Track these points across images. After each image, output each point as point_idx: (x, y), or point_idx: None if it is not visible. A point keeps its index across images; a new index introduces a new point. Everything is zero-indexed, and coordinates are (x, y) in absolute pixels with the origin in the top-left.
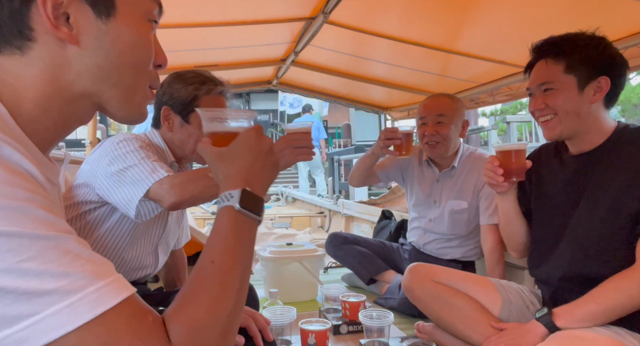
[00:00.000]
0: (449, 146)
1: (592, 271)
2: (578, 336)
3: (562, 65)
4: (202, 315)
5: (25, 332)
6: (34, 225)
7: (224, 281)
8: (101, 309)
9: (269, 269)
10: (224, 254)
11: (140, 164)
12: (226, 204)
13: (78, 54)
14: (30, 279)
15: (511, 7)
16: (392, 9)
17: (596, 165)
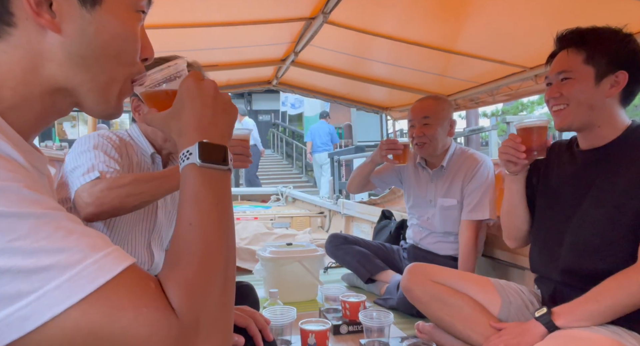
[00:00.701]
0: (437, 145)
1: (592, 267)
2: (577, 335)
3: (582, 55)
4: (194, 278)
5: (28, 309)
6: (21, 204)
7: (207, 240)
8: (102, 280)
9: (269, 270)
10: (200, 214)
11: (81, 165)
12: (187, 163)
13: (60, 42)
14: (25, 257)
15: (511, 7)
16: (392, 9)
17: (605, 161)
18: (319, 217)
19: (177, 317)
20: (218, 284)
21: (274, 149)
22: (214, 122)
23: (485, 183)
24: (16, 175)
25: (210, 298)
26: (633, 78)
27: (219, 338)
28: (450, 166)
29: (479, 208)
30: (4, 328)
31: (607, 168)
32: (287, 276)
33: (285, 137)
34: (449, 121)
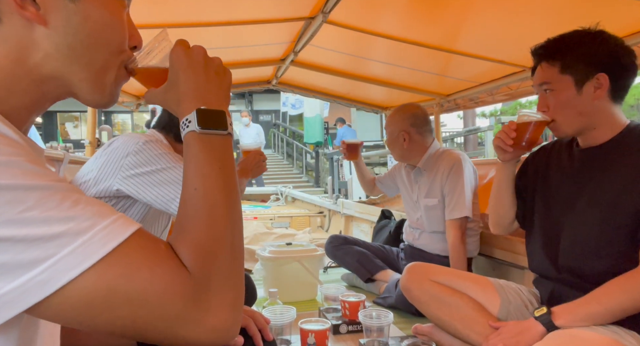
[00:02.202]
0: (395, 153)
1: (591, 267)
2: (576, 335)
3: (557, 66)
4: (202, 238)
5: (45, 274)
6: (25, 177)
7: (212, 203)
8: (113, 244)
9: (269, 269)
10: (203, 178)
11: (173, 167)
12: (187, 131)
13: (46, 34)
14: (37, 226)
15: (511, 7)
16: (391, 9)
17: (601, 160)
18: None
19: (190, 275)
20: (226, 244)
21: (274, 149)
22: (208, 88)
23: (461, 181)
24: (17, 150)
25: (220, 256)
26: (614, 77)
27: (231, 294)
28: (429, 167)
29: (457, 207)
30: (23, 293)
31: (603, 167)
32: (287, 275)
33: (286, 138)
34: (400, 132)
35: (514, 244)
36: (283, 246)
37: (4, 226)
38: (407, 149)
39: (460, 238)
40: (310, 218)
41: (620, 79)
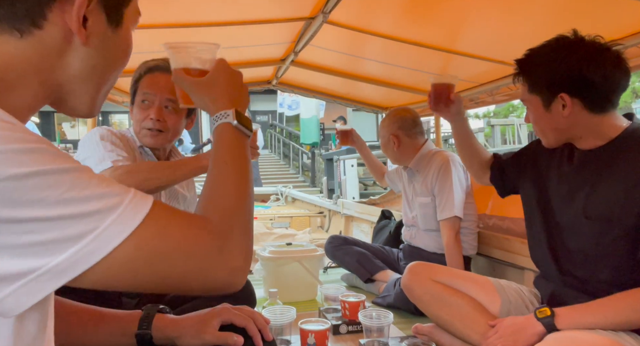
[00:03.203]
0: (389, 156)
1: (591, 274)
2: (577, 337)
3: (526, 85)
4: (231, 200)
5: (93, 245)
6: (56, 160)
7: (239, 174)
8: (143, 212)
9: (269, 269)
10: (233, 157)
11: (92, 156)
12: (223, 121)
13: (81, 51)
14: (78, 205)
15: (511, 7)
16: (391, 9)
17: (599, 164)
18: (318, 217)
19: (212, 228)
20: (246, 204)
21: (271, 150)
22: (239, 100)
23: (449, 182)
24: (39, 137)
25: (240, 214)
26: (580, 94)
27: (246, 242)
28: (421, 168)
29: (447, 207)
30: (74, 263)
31: (599, 172)
32: (287, 276)
33: (283, 138)
34: (389, 136)
35: (514, 244)
36: (283, 246)
37: (52, 207)
38: (398, 152)
39: (454, 238)
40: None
41: (590, 94)
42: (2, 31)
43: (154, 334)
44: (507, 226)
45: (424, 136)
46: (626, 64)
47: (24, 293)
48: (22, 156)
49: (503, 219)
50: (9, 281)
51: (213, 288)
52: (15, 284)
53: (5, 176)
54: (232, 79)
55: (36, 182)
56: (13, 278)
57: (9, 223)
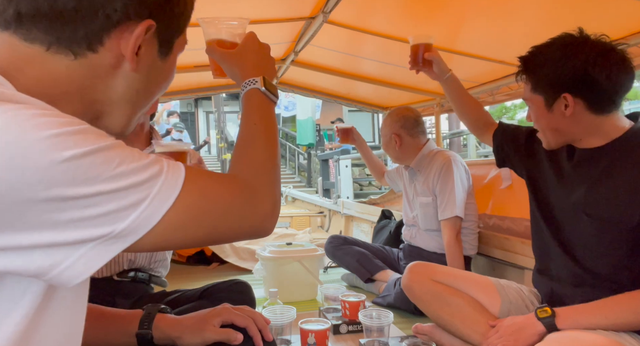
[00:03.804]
0: (390, 155)
1: (589, 272)
2: (577, 337)
3: (530, 84)
4: (260, 157)
5: (148, 210)
6: (100, 139)
7: (267, 135)
8: (181, 177)
9: (269, 269)
10: (262, 118)
11: None
12: (252, 87)
13: (129, 76)
14: (130, 177)
15: (511, 6)
16: (391, 9)
17: (598, 164)
18: (318, 217)
19: (244, 182)
20: (274, 160)
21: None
22: (267, 70)
23: (450, 182)
24: (78, 119)
25: (269, 169)
26: (583, 94)
27: (275, 192)
28: (422, 167)
29: (448, 207)
30: (136, 228)
31: (596, 173)
32: (287, 275)
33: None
34: (391, 135)
35: (514, 244)
36: (283, 246)
37: (108, 181)
38: (399, 151)
39: (455, 238)
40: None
41: (593, 95)
42: (58, 51)
43: (155, 334)
44: (508, 225)
45: (425, 136)
46: (631, 65)
47: (93, 257)
48: (75, 136)
49: (503, 219)
50: (77, 246)
51: (248, 233)
52: (84, 248)
53: (66, 157)
54: (260, 50)
55: (91, 160)
56: (82, 243)
57: (73, 200)
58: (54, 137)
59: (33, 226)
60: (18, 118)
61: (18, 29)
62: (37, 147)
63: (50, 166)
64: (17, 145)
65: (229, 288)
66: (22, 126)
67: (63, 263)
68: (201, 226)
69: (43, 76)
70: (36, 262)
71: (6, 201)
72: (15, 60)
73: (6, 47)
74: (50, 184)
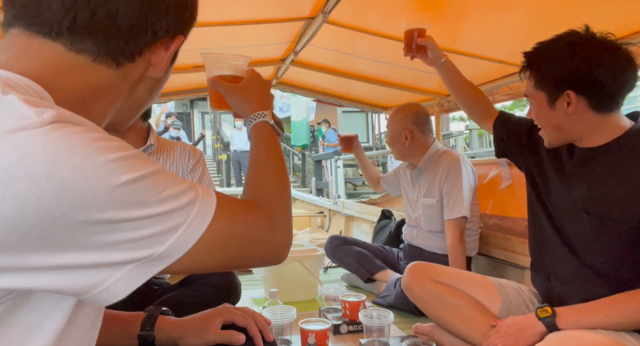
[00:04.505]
0: (396, 152)
1: (589, 269)
2: (578, 336)
3: (533, 80)
4: (275, 187)
5: (185, 234)
6: (148, 164)
7: (279, 165)
8: (214, 203)
9: (269, 269)
10: (273, 150)
11: None
12: (262, 119)
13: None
14: (173, 201)
15: (511, 6)
16: (391, 9)
17: (598, 163)
18: (318, 217)
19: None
20: (287, 189)
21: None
22: (270, 103)
23: (459, 182)
24: (126, 143)
25: (284, 197)
26: (586, 92)
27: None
28: (429, 167)
29: (455, 207)
30: (172, 251)
31: (597, 172)
32: (287, 276)
33: None
34: (402, 131)
35: (514, 243)
36: None
37: (155, 205)
38: (408, 147)
39: (459, 238)
40: (311, 218)
41: (596, 93)
42: (103, 61)
43: (157, 335)
44: (508, 225)
45: (433, 135)
46: (636, 64)
47: (132, 278)
48: (129, 162)
49: (503, 219)
50: (118, 267)
51: (267, 259)
52: (124, 269)
53: (123, 182)
54: (264, 86)
55: (142, 185)
56: (123, 264)
57: (122, 223)
58: (113, 163)
59: (81, 247)
60: (82, 142)
61: (69, 39)
62: (98, 172)
63: (107, 190)
64: (81, 169)
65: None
66: (86, 150)
67: (104, 283)
68: (228, 250)
69: (84, 84)
70: (79, 282)
71: (62, 221)
72: (59, 69)
73: (52, 55)
74: (105, 207)
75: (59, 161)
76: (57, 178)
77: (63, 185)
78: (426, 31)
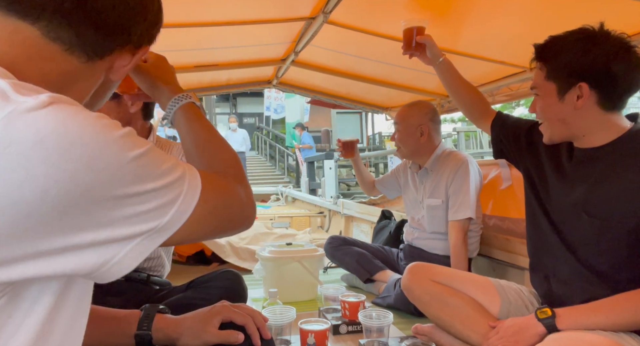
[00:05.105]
0: (407, 149)
1: (589, 270)
2: (578, 337)
3: (544, 71)
4: (227, 155)
5: (183, 205)
6: (143, 141)
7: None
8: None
9: (269, 269)
10: (212, 129)
11: None
12: (188, 100)
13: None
14: (169, 175)
15: (511, 7)
16: (392, 9)
17: (598, 163)
18: (318, 217)
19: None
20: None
21: (258, 151)
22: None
23: (466, 183)
24: None
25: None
26: (599, 87)
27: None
28: (436, 168)
29: (462, 208)
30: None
31: (599, 171)
32: (287, 276)
33: (269, 140)
34: (419, 127)
35: (514, 244)
36: (283, 246)
37: (156, 179)
38: (422, 144)
39: (463, 239)
40: (311, 218)
41: (608, 88)
42: (74, 53)
43: (154, 335)
44: (508, 226)
45: (441, 135)
46: None
47: (139, 250)
48: (131, 138)
49: (503, 220)
50: (127, 241)
51: (244, 222)
52: (132, 243)
53: (132, 157)
54: (172, 70)
55: (146, 160)
56: (132, 238)
57: (132, 197)
58: (120, 139)
59: (94, 225)
60: (88, 121)
61: (47, 24)
62: (111, 149)
63: (120, 166)
64: (95, 147)
65: (216, 276)
66: (95, 129)
67: (113, 259)
68: (215, 217)
69: (55, 74)
70: (91, 260)
71: (81, 201)
72: (32, 55)
73: (26, 39)
74: (119, 183)
75: (73, 141)
76: (74, 158)
77: (80, 165)
78: (425, 29)
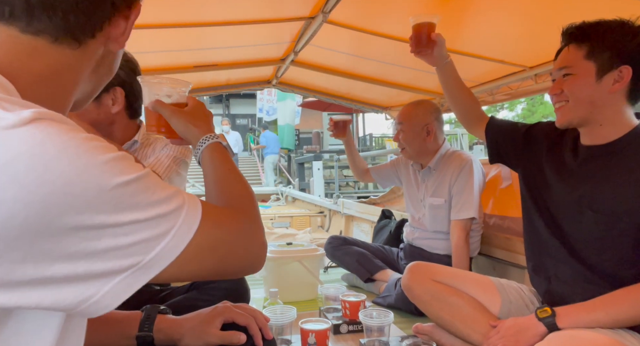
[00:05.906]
0: (412, 149)
1: (591, 269)
2: (578, 335)
3: (584, 50)
4: (244, 194)
5: (174, 240)
6: (138, 166)
7: (242, 178)
8: (199, 209)
9: (269, 269)
10: (233, 166)
11: None
12: (214, 141)
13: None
14: (162, 205)
15: (511, 6)
16: (391, 9)
17: (605, 161)
18: (319, 216)
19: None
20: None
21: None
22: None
23: (470, 183)
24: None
25: (254, 203)
26: (636, 74)
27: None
28: (439, 167)
29: (465, 207)
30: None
31: (606, 168)
32: (287, 275)
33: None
34: (424, 126)
35: (514, 243)
36: (283, 246)
37: (145, 209)
38: (427, 144)
39: (465, 239)
40: (311, 218)
41: None
42: (64, 41)
43: (156, 336)
44: (508, 225)
45: (444, 134)
46: None
47: (121, 289)
48: (120, 163)
49: (503, 219)
50: (109, 278)
51: (251, 264)
52: (115, 280)
53: (114, 185)
54: (209, 115)
55: (133, 188)
56: (113, 275)
57: (112, 227)
58: (105, 164)
59: (69, 256)
60: (71, 142)
61: (24, 21)
62: (91, 174)
63: (100, 193)
64: (73, 171)
65: None
66: (77, 152)
67: (93, 298)
68: (214, 256)
69: (46, 68)
70: (67, 298)
71: (51, 228)
72: (18, 54)
73: (7, 40)
74: (97, 211)
75: (48, 164)
76: (47, 182)
77: (53, 189)
78: (436, 26)
